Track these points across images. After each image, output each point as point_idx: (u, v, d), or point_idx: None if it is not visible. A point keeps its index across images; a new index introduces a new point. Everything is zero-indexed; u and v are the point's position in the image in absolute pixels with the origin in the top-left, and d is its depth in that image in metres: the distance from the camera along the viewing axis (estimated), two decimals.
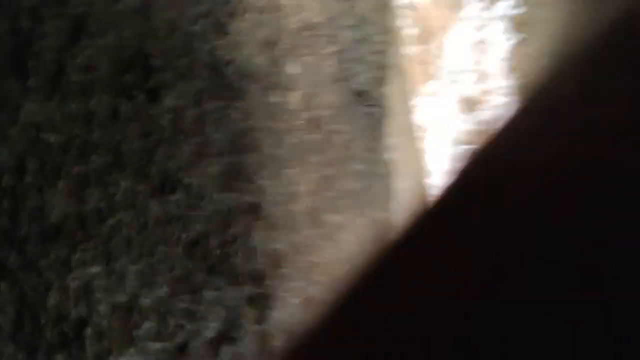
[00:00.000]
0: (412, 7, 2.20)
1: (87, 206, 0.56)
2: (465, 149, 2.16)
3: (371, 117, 0.97)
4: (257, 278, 0.68)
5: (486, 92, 2.17)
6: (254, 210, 0.75)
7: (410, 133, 1.95)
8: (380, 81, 0.99)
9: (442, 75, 2.17)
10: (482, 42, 2.15)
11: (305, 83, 0.87)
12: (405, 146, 1.93)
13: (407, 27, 2.18)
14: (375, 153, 0.98)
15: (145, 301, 0.61)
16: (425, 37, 2.17)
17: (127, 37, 0.58)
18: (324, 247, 0.83)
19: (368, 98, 0.96)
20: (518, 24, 2.06)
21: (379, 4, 0.97)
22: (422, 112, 2.14)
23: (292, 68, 0.84)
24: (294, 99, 0.85)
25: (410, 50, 2.18)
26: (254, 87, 0.77)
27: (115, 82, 0.58)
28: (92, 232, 0.57)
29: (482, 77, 2.16)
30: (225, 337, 0.63)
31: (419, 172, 2.01)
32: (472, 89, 2.19)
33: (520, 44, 2.06)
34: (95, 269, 0.58)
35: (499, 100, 2.14)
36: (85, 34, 0.58)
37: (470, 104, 2.19)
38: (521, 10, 2.06)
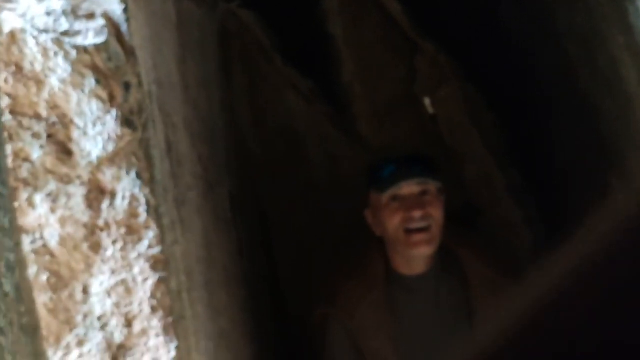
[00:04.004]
0: (44, 251, 2.06)
1: None
2: None
3: None
4: None
5: (134, 335, 2.08)
6: None
7: None
8: None
9: (84, 323, 2.04)
10: (124, 282, 2.09)
11: None
12: None
13: (39, 274, 2.03)
14: None
15: None
16: (63, 283, 2.04)
17: None
18: None
19: None
20: (156, 263, 2.06)
21: None
22: None
23: None
24: None
25: (44, 299, 2.02)
26: None
27: None
28: None
29: (128, 320, 2.08)
30: None
31: None
32: (119, 334, 2.08)
33: (160, 282, 2.05)
34: None
35: (147, 341, 2.06)
36: None
37: (118, 350, 2.08)
38: (158, 250, 2.06)
